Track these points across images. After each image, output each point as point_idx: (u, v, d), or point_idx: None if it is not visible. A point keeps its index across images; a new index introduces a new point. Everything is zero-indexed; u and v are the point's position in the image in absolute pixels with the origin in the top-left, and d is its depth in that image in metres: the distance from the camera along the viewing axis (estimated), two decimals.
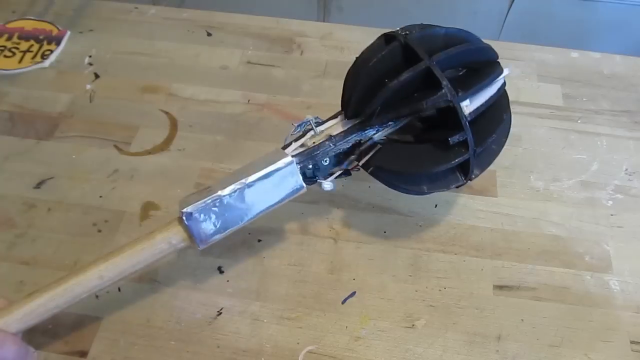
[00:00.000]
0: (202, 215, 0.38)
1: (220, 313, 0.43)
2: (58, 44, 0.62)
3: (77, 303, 0.37)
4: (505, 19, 0.91)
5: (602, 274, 0.46)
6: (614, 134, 0.56)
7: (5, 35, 0.63)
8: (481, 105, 0.41)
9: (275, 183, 0.40)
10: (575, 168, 0.53)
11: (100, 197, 0.50)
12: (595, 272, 0.46)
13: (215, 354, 0.41)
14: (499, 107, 0.43)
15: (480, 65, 0.43)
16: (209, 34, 0.65)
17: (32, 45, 0.62)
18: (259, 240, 0.47)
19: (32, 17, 0.65)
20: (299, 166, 0.41)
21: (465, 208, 0.50)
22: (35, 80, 0.59)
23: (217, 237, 0.39)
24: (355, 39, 0.64)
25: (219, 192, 0.38)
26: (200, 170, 0.52)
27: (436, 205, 0.50)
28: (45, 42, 0.63)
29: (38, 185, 0.51)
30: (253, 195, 0.39)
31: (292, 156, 0.40)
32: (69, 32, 0.64)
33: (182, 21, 0.66)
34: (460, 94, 0.39)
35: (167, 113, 0.57)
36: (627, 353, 0.42)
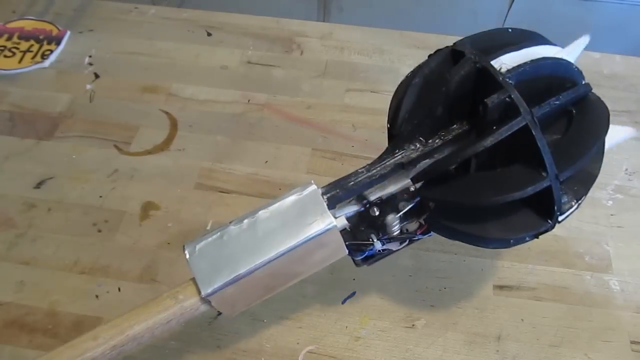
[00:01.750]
0: (206, 250, 0.33)
1: (221, 313, 0.43)
2: (58, 44, 0.62)
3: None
4: (505, 19, 0.91)
5: (602, 274, 0.46)
6: None
7: (5, 35, 0.63)
8: (525, 65, 0.33)
9: (294, 212, 0.33)
10: None
11: (100, 197, 0.50)
12: (595, 272, 0.46)
13: (215, 354, 0.41)
14: (587, 123, 0.34)
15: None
16: (209, 34, 0.65)
17: (32, 45, 0.62)
18: None
19: (32, 17, 0.65)
20: (325, 196, 0.34)
21: None
22: (35, 80, 0.59)
23: (226, 283, 0.33)
24: (355, 39, 0.64)
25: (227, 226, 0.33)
26: (200, 170, 0.52)
27: None
28: (45, 42, 0.63)
29: (38, 185, 0.51)
30: (267, 227, 0.33)
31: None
32: (69, 32, 0.64)
33: (182, 21, 0.66)
34: (490, 56, 0.33)
35: (167, 113, 0.57)
36: (627, 353, 0.42)
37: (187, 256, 0.33)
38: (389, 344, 0.42)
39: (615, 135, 0.37)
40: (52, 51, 0.62)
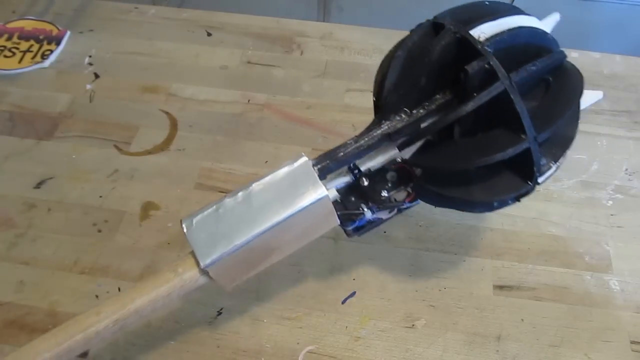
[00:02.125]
0: (203, 223, 0.34)
1: (220, 313, 0.43)
2: (58, 44, 0.62)
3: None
4: None
5: (602, 274, 0.46)
6: (614, 134, 0.56)
7: (5, 35, 0.63)
8: (502, 34, 0.35)
9: (287, 183, 0.34)
10: (575, 168, 0.53)
11: (100, 197, 0.50)
12: (595, 272, 0.46)
13: (215, 354, 0.41)
14: (563, 88, 0.36)
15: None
16: (209, 34, 0.65)
17: (32, 45, 0.62)
18: None
19: (32, 17, 0.65)
20: (316, 167, 0.35)
21: None
22: (35, 80, 0.59)
23: (224, 253, 0.34)
24: (355, 39, 0.64)
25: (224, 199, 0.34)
26: (200, 170, 0.52)
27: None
28: (45, 42, 0.63)
29: (38, 185, 0.51)
30: (261, 199, 0.34)
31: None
32: (69, 32, 0.64)
33: (182, 21, 0.66)
34: (468, 27, 0.35)
35: (167, 113, 0.56)
36: (627, 353, 0.42)
37: (185, 230, 0.34)
38: (389, 344, 0.42)
39: (586, 99, 0.40)
40: (52, 51, 0.62)
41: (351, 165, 0.37)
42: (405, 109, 0.36)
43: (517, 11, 0.38)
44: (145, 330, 0.42)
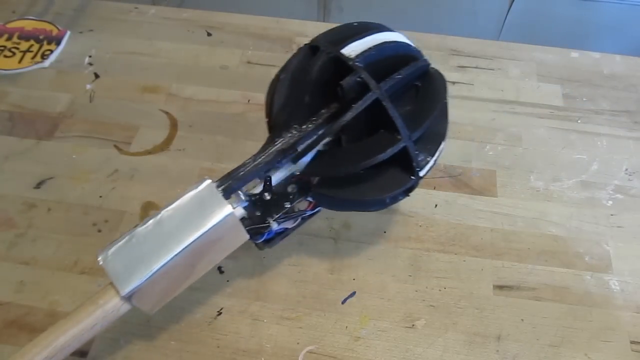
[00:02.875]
0: (118, 253, 0.35)
1: (220, 313, 0.43)
2: (58, 44, 0.62)
3: None
4: (505, 19, 0.91)
5: (602, 274, 0.46)
6: (614, 134, 0.56)
7: (5, 35, 0.63)
8: (370, 50, 0.39)
9: (194, 206, 0.36)
10: (575, 168, 0.53)
11: (100, 197, 0.50)
12: (595, 272, 0.46)
13: (215, 354, 0.41)
14: (429, 92, 0.40)
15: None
16: (209, 34, 0.65)
17: (32, 45, 0.62)
18: None
19: (32, 17, 0.65)
20: (220, 188, 0.37)
21: (465, 208, 0.50)
22: (35, 80, 0.59)
23: (142, 279, 0.35)
24: None
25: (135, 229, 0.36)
26: (200, 170, 0.52)
27: (436, 205, 0.50)
28: (45, 42, 0.63)
29: (38, 185, 0.51)
30: (172, 224, 0.36)
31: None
32: (69, 32, 0.64)
33: (182, 21, 0.66)
34: (339, 47, 0.39)
35: (167, 113, 0.57)
36: (627, 353, 0.42)
37: (101, 262, 0.35)
38: (389, 344, 0.42)
39: None
40: (52, 51, 0.62)
41: (265, 178, 0.40)
42: (295, 125, 0.39)
43: (382, 29, 0.42)
44: (145, 330, 0.42)
